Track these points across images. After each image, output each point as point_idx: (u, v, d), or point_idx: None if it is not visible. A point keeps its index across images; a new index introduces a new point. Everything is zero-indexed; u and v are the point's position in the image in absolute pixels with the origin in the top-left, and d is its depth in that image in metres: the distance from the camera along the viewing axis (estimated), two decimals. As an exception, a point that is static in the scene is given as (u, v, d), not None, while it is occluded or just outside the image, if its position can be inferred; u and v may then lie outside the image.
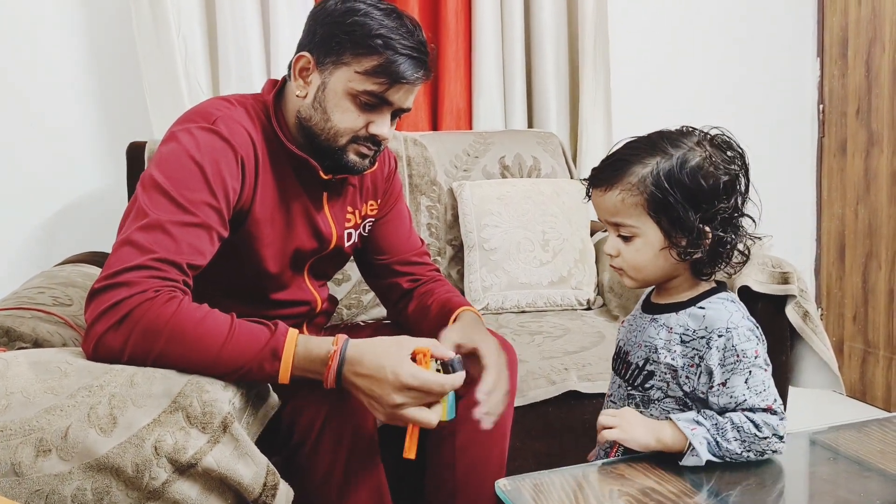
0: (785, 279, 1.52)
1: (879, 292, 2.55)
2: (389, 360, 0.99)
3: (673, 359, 0.97)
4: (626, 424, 0.95)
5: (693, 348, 0.96)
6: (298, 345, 1.00)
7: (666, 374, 0.98)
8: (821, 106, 2.78)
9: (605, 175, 0.98)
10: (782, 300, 1.55)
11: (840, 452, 0.98)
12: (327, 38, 1.13)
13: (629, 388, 1.03)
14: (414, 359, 1.02)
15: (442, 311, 1.29)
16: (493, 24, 2.30)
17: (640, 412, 1.00)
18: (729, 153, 0.97)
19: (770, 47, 2.73)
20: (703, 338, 0.95)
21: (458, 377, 1.03)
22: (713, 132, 0.99)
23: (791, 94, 2.78)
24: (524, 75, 2.38)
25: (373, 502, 1.14)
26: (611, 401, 1.10)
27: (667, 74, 2.64)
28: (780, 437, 0.92)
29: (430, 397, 1.01)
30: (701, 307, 0.98)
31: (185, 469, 0.87)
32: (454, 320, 1.25)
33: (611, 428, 0.95)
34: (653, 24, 2.61)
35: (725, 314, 0.96)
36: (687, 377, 0.96)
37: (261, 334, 0.99)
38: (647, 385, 1.00)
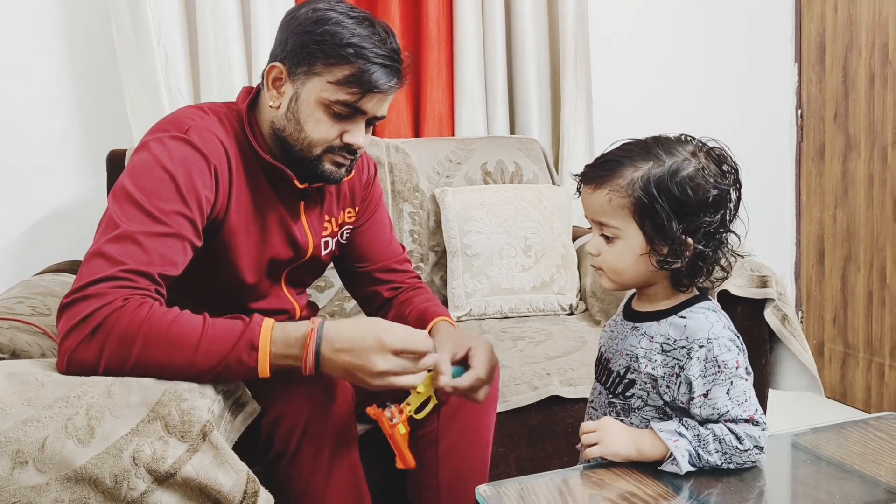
0: (763, 283, 1.54)
1: (858, 295, 2.58)
2: (371, 328, 1.00)
3: (653, 368, 0.97)
4: (606, 437, 0.94)
5: (674, 358, 0.95)
6: (275, 330, 0.99)
7: (647, 383, 0.98)
8: (799, 111, 2.81)
9: (596, 173, 0.98)
10: (761, 304, 1.56)
11: (820, 454, 0.99)
12: (298, 48, 1.12)
13: (610, 395, 1.03)
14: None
15: (419, 321, 1.29)
16: (475, 30, 2.31)
17: (621, 420, 1.00)
18: (723, 167, 0.96)
19: (749, 53, 2.76)
20: (683, 347, 0.95)
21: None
22: (710, 144, 0.98)
23: (770, 100, 2.81)
24: (506, 81, 2.39)
25: (354, 510, 1.14)
26: (591, 407, 1.09)
27: (647, 80, 2.66)
28: (761, 449, 0.92)
29: (415, 359, 1.01)
30: (682, 316, 0.97)
31: (164, 479, 0.86)
32: (429, 332, 1.25)
33: (593, 444, 0.95)
34: (633, 31, 2.64)
35: (706, 324, 0.95)
36: (667, 386, 0.96)
37: (235, 327, 0.98)
38: (627, 394, 1.00)
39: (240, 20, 2.13)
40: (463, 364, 1.15)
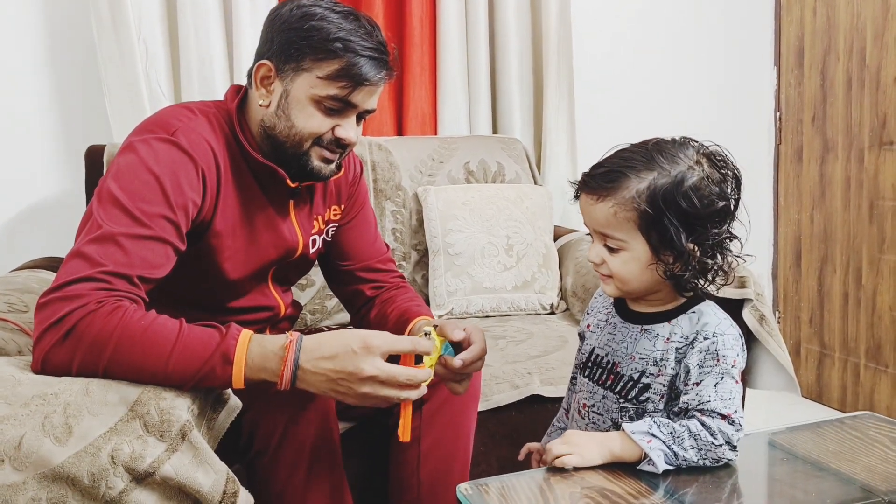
0: (742, 283, 1.55)
1: (834, 295, 2.61)
2: (353, 336, 0.97)
3: (672, 367, 0.97)
4: (578, 448, 0.94)
5: (683, 353, 0.97)
6: (252, 344, 0.95)
7: (663, 386, 0.98)
8: (778, 114, 2.84)
9: (599, 184, 0.95)
10: (739, 304, 1.57)
11: (796, 453, 1.00)
12: (285, 45, 1.12)
13: (622, 400, 1.02)
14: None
15: (400, 320, 1.29)
16: (458, 29, 2.31)
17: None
18: (723, 171, 0.95)
19: (729, 56, 2.79)
20: (692, 341, 0.96)
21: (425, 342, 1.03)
22: (711, 148, 0.97)
23: (749, 102, 2.84)
24: (489, 81, 2.39)
25: (334, 510, 1.14)
26: (595, 412, 1.06)
27: (629, 81, 2.67)
28: (734, 447, 0.93)
29: (399, 378, 0.97)
30: (694, 311, 0.98)
31: (142, 478, 0.85)
32: (409, 330, 1.25)
33: (566, 455, 0.93)
34: (615, 31, 2.65)
35: (716, 319, 0.97)
36: (678, 377, 0.97)
37: (210, 339, 0.94)
38: (641, 398, 1.00)
39: (221, 14, 2.12)
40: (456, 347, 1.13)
